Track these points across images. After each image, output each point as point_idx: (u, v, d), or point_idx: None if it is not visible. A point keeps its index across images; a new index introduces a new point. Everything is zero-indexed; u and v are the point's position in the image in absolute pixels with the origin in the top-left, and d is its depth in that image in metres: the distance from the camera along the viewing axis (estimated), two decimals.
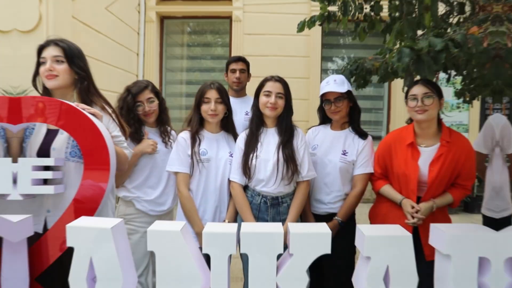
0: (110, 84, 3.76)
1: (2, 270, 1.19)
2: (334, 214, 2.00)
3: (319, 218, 2.02)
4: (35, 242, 1.36)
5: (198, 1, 5.53)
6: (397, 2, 2.16)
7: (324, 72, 5.60)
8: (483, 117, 5.41)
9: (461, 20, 2.23)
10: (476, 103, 4.14)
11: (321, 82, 2.15)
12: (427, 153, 1.87)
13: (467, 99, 2.63)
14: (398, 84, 4.66)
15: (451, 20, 2.32)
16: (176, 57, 6.02)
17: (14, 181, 1.34)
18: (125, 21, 5.07)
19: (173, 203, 2.14)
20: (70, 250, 1.03)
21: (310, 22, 2.42)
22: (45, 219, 1.49)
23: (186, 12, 5.68)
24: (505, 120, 2.38)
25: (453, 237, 0.99)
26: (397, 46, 2.12)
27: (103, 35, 4.42)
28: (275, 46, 5.33)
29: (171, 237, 1.02)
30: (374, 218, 2.09)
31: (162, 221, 1.19)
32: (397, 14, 2.20)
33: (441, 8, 2.25)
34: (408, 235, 1.00)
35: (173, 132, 2.22)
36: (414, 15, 2.02)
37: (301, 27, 2.50)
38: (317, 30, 4.34)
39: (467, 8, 2.15)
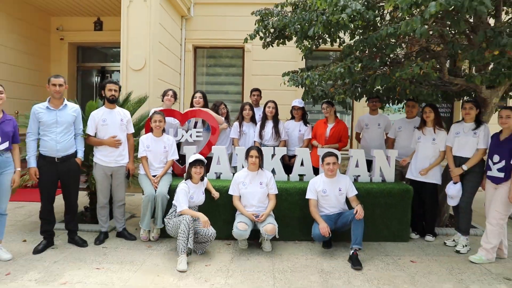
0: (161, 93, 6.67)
1: None
2: None
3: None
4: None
5: (221, 38, 8.44)
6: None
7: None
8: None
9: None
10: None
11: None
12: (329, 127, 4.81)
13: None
14: None
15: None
16: (204, 75, 8.93)
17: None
18: (172, 51, 7.99)
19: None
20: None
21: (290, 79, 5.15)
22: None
23: (212, 44, 8.59)
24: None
25: None
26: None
27: (164, 64, 7.34)
28: (274, 69, 8.21)
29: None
30: None
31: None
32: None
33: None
34: None
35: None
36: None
37: (286, 77, 5.34)
38: (302, 62, 7.22)
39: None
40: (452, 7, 2.70)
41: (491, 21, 4.04)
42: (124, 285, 3.07)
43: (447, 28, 3.64)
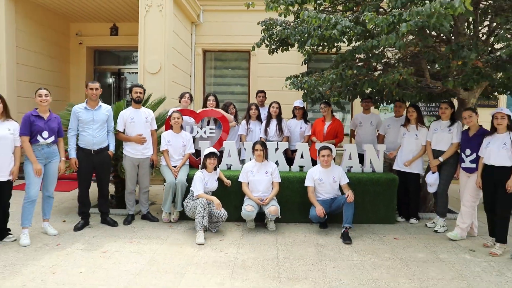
0: (175, 94, 7.33)
1: None
2: None
3: None
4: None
5: (228, 42, 9.13)
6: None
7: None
8: None
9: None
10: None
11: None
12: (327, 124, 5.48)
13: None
14: None
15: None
16: (212, 76, 9.63)
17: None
18: (183, 55, 8.69)
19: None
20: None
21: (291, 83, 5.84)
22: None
23: (220, 48, 9.29)
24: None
25: None
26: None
27: (177, 67, 8.04)
28: (278, 71, 8.87)
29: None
30: None
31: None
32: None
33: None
34: None
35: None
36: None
37: (288, 81, 6.01)
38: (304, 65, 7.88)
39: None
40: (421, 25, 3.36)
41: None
42: (154, 254, 3.77)
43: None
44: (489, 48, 4.32)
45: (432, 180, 4.63)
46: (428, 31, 3.64)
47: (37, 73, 8.32)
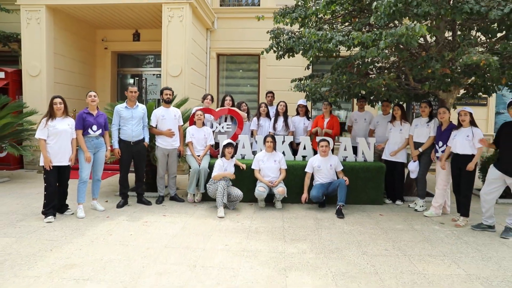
0: (193, 94, 8.38)
1: None
2: None
3: None
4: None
5: (240, 47, 10.13)
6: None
7: None
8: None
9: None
10: None
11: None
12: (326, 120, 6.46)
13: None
14: None
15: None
16: (225, 78, 10.65)
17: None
18: (200, 59, 9.72)
19: None
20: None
21: (295, 86, 6.87)
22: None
23: (232, 51, 10.30)
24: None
25: None
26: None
27: (194, 70, 9.06)
28: (286, 73, 9.86)
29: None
30: None
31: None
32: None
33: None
34: None
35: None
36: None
37: (293, 83, 6.99)
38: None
39: None
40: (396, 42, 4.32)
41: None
42: (185, 223, 4.80)
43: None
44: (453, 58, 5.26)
45: (413, 167, 5.58)
46: (401, 46, 4.59)
47: (70, 76, 9.42)
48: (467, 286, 3.16)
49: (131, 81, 11.38)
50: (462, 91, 6.20)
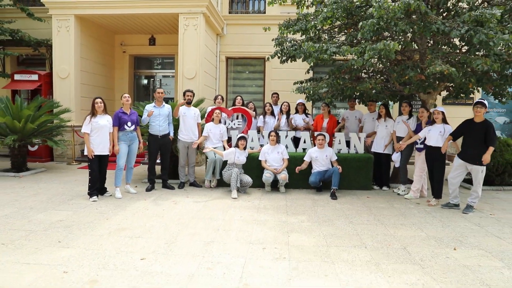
0: (206, 94, 9.47)
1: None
2: None
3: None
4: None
5: (247, 51, 11.22)
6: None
7: None
8: None
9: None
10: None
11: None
12: (325, 121, 7.55)
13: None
14: None
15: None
16: (233, 79, 11.74)
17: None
18: (210, 62, 10.81)
19: None
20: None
21: (296, 89, 7.93)
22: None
23: (240, 55, 11.39)
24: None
25: None
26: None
27: (206, 73, 10.15)
28: (289, 75, 10.93)
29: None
30: None
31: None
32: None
33: None
34: None
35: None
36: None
37: (295, 85, 8.08)
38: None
39: None
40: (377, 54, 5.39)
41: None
42: (205, 202, 5.90)
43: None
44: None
45: (396, 158, 6.67)
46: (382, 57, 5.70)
47: (93, 78, 10.55)
48: (424, 242, 4.26)
49: (146, 81, 12.50)
50: (444, 93, 7.29)
